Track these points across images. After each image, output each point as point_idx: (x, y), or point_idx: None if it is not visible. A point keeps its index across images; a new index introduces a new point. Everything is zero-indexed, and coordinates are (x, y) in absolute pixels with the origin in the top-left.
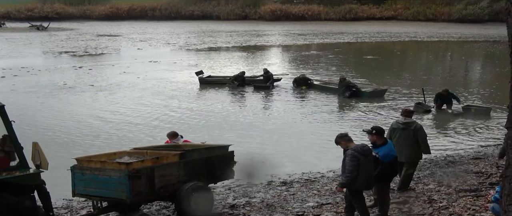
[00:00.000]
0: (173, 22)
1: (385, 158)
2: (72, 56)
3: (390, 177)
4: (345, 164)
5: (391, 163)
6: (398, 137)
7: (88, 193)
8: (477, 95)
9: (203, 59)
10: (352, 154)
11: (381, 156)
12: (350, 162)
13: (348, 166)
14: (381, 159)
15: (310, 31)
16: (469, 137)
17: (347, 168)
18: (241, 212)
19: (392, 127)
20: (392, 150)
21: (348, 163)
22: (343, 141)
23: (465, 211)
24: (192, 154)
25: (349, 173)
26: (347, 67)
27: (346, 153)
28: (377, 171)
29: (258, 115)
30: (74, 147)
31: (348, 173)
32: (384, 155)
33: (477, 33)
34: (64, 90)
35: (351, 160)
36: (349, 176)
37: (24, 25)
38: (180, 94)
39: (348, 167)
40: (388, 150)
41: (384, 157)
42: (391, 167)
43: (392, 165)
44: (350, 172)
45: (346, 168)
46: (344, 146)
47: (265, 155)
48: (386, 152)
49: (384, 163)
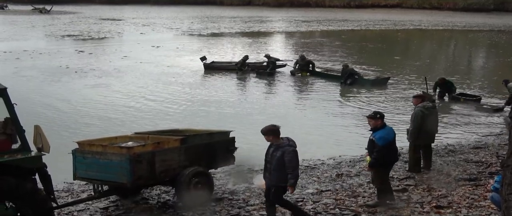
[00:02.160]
0: (177, 7)
1: (379, 141)
2: (74, 39)
3: (388, 162)
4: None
5: (386, 147)
6: (429, 121)
7: (89, 176)
8: (479, 84)
9: (206, 44)
10: None
11: (376, 139)
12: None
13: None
14: (376, 142)
15: (314, 17)
16: (470, 126)
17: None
18: (241, 198)
19: (422, 113)
20: (388, 134)
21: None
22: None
23: (464, 199)
24: (193, 139)
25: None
26: (351, 55)
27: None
28: (373, 157)
29: (259, 101)
30: (75, 131)
31: None
32: (379, 138)
33: (482, 22)
34: (66, 74)
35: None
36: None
37: (27, 8)
38: (182, 79)
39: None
40: (385, 133)
41: (378, 140)
42: (387, 151)
43: (388, 149)
44: None
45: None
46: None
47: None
48: (382, 135)
49: (379, 147)
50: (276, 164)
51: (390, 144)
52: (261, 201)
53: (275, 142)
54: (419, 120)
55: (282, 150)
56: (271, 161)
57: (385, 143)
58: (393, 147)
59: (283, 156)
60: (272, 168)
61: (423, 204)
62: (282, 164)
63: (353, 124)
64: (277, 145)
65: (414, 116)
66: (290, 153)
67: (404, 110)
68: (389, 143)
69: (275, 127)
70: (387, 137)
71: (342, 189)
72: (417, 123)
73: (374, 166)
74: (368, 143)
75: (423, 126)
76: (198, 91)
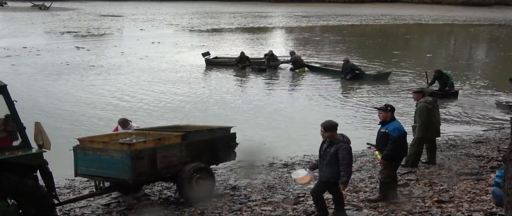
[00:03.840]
0: (176, 3)
1: (394, 132)
2: (74, 36)
3: (400, 155)
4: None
5: (402, 138)
6: (433, 115)
7: (90, 173)
8: (478, 78)
9: (206, 40)
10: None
11: (390, 131)
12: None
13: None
14: (391, 134)
15: (314, 13)
16: (471, 121)
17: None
18: (242, 193)
19: (427, 107)
20: (401, 126)
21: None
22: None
23: (465, 194)
24: (194, 135)
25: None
26: (351, 50)
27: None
28: (387, 149)
29: (260, 98)
30: (76, 128)
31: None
32: (393, 129)
33: (482, 17)
34: (66, 71)
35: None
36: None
37: (26, 5)
38: (182, 75)
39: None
40: (398, 125)
41: (393, 131)
42: (402, 143)
43: (403, 141)
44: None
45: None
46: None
47: (266, 137)
48: (396, 127)
49: (394, 138)
50: (329, 160)
51: (405, 135)
52: (263, 197)
53: (330, 138)
54: (425, 114)
55: (336, 146)
56: (324, 157)
57: (400, 134)
58: (406, 140)
59: (337, 152)
60: (325, 164)
61: (425, 198)
62: (336, 160)
63: (353, 119)
64: (331, 141)
65: (419, 111)
66: (345, 150)
67: (406, 104)
68: (404, 134)
69: (335, 123)
70: (401, 128)
71: None
72: (424, 118)
73: (388, 158)
74: (377, 136)
75: (429, 120)
76: (199, 87)
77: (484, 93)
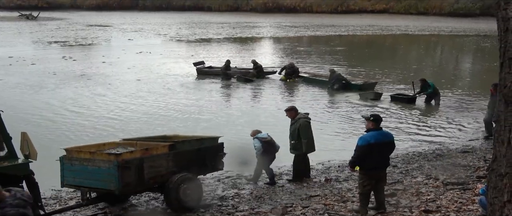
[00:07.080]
0: (164, 13)
1: (359, 140)
2: (62, 46)
3: (368, 167)
4: None
5: (365, 148)
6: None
7: (77, 183)
8: (464, 88)
9: (194, 50)
10: None
11: (358, 138)
12: None
13: None
14: (357, 142)
15: (301, 23)
16: (458, 130)
17: None
18: (230, 204)
19: (308, 123)
20: (372, 137)
21: None
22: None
23: (452, 203)
24: (181, 145)
25: None
26: (338, 60)
27: None
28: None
29: (247, 107)
30: (63, 138)
31: None
32: (360, 138)
33: (468, 27)
34: (53, 81)
35: None
36: None
37: (14, 14)
38: (171, 85)
39: None
40: (369, 135)
41: (359, 139)
42: (367, 153)
43: (367, 151)
44: None
45: None
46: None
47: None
48: (364, 136)
49: (357, 146)
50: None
51: (369, 146)
52: (250, 207)
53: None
54: (308, 130)
55: None
56: None
57: (363, 143)
58: (375, 151)
59: None
60: None
61: (412, 208)
62: None
63: (341, 129)
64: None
65: (304, 128)
66: None
67: (392, 115)
68: (368, 144)
69: None
70: (368, 139)
71: (331, 194)
72: (309, 134)
73: (350, 164)
74: None
75: (311, 136)
76: (188, 96)
77: (470, 103)
